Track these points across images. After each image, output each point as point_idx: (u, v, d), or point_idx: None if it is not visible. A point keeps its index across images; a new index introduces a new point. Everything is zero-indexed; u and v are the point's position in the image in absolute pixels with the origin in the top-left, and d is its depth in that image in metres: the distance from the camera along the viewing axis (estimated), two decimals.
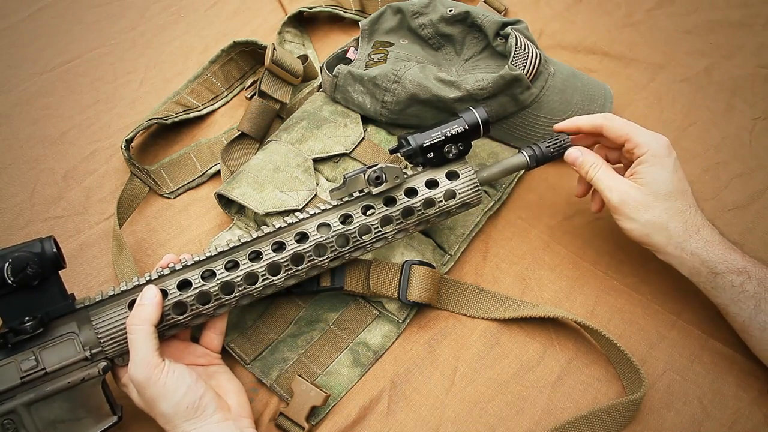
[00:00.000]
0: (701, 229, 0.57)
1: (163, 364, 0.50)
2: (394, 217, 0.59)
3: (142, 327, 0.51)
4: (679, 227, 0.57)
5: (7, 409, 0.50)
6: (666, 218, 0.57)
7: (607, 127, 0.61)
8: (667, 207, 0.57)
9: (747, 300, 0.56)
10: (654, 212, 0.57)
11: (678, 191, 0.58)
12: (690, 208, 0.58)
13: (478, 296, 0.66)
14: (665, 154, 0.58)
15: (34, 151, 0.82)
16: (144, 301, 0.52)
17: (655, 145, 0.59)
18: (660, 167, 0.58)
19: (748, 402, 0.59)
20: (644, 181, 0.58)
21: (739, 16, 0.92)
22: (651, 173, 0.58)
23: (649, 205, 0.58)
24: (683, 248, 0.57)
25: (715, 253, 0.57)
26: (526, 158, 0.62)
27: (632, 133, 0.59)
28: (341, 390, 0.61)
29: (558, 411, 0.59)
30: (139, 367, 0.50)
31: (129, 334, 0.51)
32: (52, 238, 0.51)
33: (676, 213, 0.57)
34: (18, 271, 0.49)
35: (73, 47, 0.94)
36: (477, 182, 0.61)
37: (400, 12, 0.77)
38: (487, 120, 0.60)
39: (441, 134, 0.59)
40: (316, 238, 0.56)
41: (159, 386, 0.50)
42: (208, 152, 0.80)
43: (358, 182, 0.57)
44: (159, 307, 0.52)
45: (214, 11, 1.00)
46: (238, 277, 0.55)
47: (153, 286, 0.53)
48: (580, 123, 0.63)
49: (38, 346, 0.51)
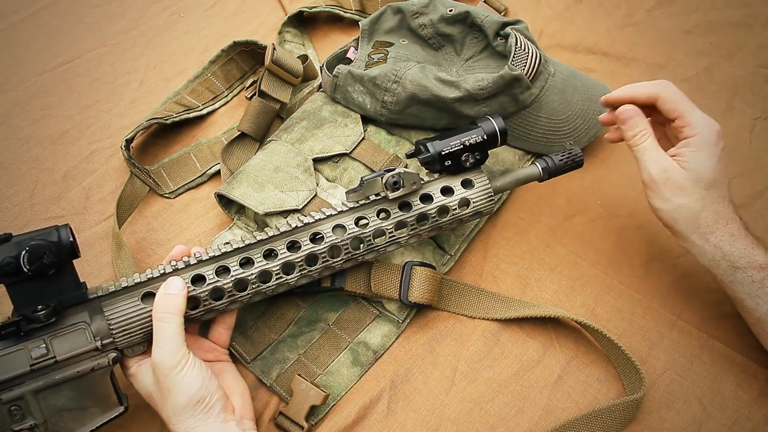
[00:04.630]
0: (730, 223, 0.56)
1: (189, 356, 0.51)
2: (409, 222, 0.59)
3: (174, 317, 0.51)
4: (710, 218, 0.56)
5: (15, 395, 0.50)
6: (699, 207, 0.56)
7: (663, 99, 0.58)
8: (703, 196, 0.56)
9: (766, 296, 0.55)
10: (689, 198, 0.56)
11: (718, 182, 0.56)
12: (724, 200, 0.57)
13: (479, 297, 0.66)
14: (714, 142, 0.56)
15: (34, 151, 0.82)
16: (174, 291, 0.52)
17: (706, 130, 0.56)
18: (707, 154, 0.56)
19: (748, 402, 0.59)
20: (688, 165, 0.56)
21: (739, 16, 0.92)
22: (697, 159, 0.56)
23: (686, 190, 0.56)
24: (707, 239, 0.56)
25: (738, 247, 0.56)
26: (539, 170, 0.63)
27: (687, 111, 0.57)
28: (341, 390, 0.61)
29: (558, 411, 0.59)
30: (168, 356, 0.50)
31: (159, 322, 0.51)
32: (68, 226, 0.51)
33: (711, 203, 0.56)
34: (35, 259, 0.48)
35: (73, 47, 0.94)
36: (491, 191, 0.61)
37: (400, 12, 0.77)
38: (505, 130, 0.60)
39: (460, 143, 0.59)
40: (331, 239, 0.57)
41: (180, 377, 0.50)
42: (208, 152, 0.80)
43: (375, 186, 0.58)
44: (185, 295, 0.52)
45: (214, 11, 1.00)
46: (252, 274, 0.55)
47: (179, 278, 0.53)
48: (635, 92, 0.60)
49: (49, 334, 0.51)
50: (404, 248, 0.66)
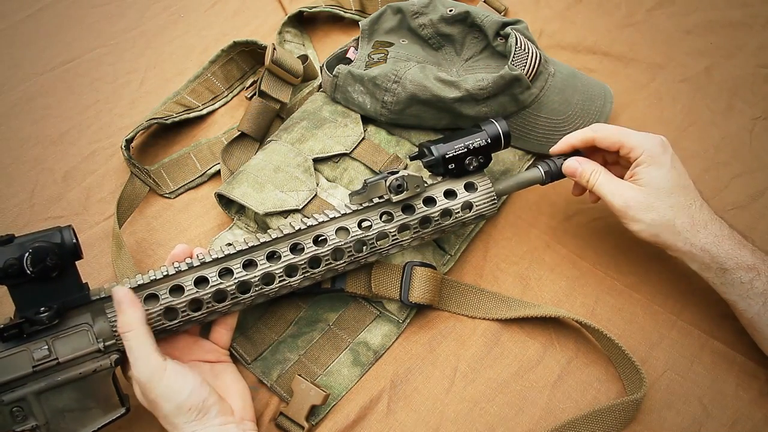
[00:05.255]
0: (709, 224, 0.57)
1: (165, 365, 0.50)
2: (412, 225, 0.59)
3: (132, 332, 0.50)
4: (686, 222, 0.57)
5: (17, 396, 0.50)
6: (671, 215, 0.57)
7: (599, 138, 0.61)
8: (670, 204, 0.57)
9: (756, 297, 0.56)
10: (658, 211, 0.57)
11: (679, 186, 0.58)
12: (695, 203, 0.58)
13: (479, 297, 0.66)
14: (660, 153, 0.59)
15: (34, 151, 0.82)
16: (121, 307, 0.51)
17: (648, 145, 0.59)
18: (657, 166, 0.58)
19: (748, 402, 0.59)
20: (643, 181, 0.58)
21: (739, 16, 0.92)
22: (649, 173, 0.58)
23: (652, 205, 0.58)
24: (692, 243, 0.57)
25: (724, 248, 0.56)
26: (541, 173, 0.63)
27: (624, 138, 0.60)
28: (341, 390, 0.61)
29: (558, 411, 0.59)
30: (141, 369, 0.50)
31: (124, 341, 0.50)
32: (71, 227, 0.51)
33: (681, 209, 0.58)
34: (38, 261, 0.48)
35: (73, 47, 0.94)
36: (494, 195, 0.61)
37: (400, 12, 0.77)
38: (508, 133, 0.61)
39: (464, 146, 0.59)
40: (335, 242, 0.57)
41: (162, 387, 0.50)
42: (208, 152, 0.80)
43: (379, 188, 0.58)
44: (136, 304, 0.51)
45: (214, 11, 1.00)
46: (255, 277, 0.55)
47: (120, 287, 0.52)
48: (572, 141, 0.63)
49: (51, 335, 0.51)
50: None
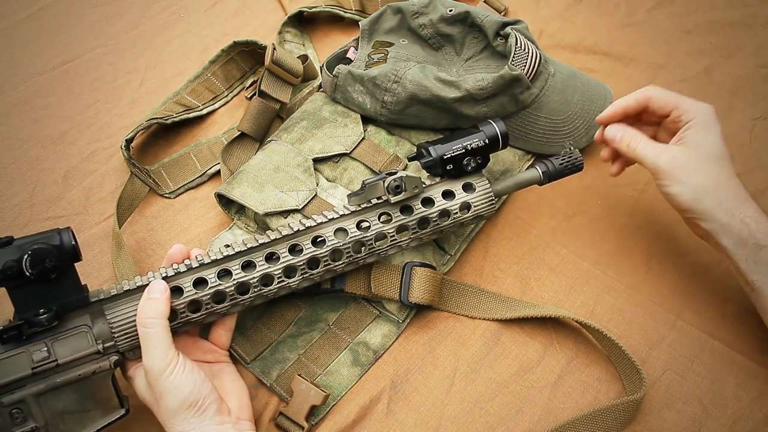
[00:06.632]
0: (748, 201, 0.57)
1: (177, 359, 0.51)
2: (410, 226, 0.59)
3: (159, 321, 0.51)
4: (730, 194, 0.57)
5: (16, 398, 0.50)
6: (715, 182, 0.57)
7: (654, 98, 0.60)
8: (716, 170, 0.57)
9: None
10: (704, 175, 0.57)
11: (724, 158, 0.58)
12: (735, 179, 0.58)
13: (479, 297, 0.66)
14: (713, 120, 0.58)
15: (34, 151, 0.82)
16: (156, 295, 0.51)
17: (702, 109, 0.59)
18: (709, 131, 0.58)
19: (748, 402, 0.59)
20: (693, 143, 0.58)
21: (739, 16, 0.92)
22: (700, 136, 0.58)
23: (699, 168, 0.57)
24: (733, 214, 0.56)
25: (764, 224, 0.56)
26: (539, 174, 0.63)
27: (680, 100, 0.59)
28: (341, 390, 0.61)
29: (558, 411, 0.59)
30: (157, 360, 0.50)
31: (144, 328, 0.51)
32: (69, 229, 0.51)
33: (726, 178, 0.57)
34: (37, 263, 0.48)
35: (73, 47, 0.94)
36: (492, 195, 0.61)
37: (400, 12, 0.77)
38: (506, 133, 0.61)
39: (462, 147, 0.59)
40: (333, 243, 0.57)
41: (170, 381, 0.50)
42: (208, 152, 0.80)
43: (377, 189, 0.58)
44: (169, 301, 0.52)
45: (214, 11, 1.00)
46: (254, 278, 0.55)
47: (161, 281, 0.53)
48: (626, 103, 0.62)
49: (51, 337, 0.51)
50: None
